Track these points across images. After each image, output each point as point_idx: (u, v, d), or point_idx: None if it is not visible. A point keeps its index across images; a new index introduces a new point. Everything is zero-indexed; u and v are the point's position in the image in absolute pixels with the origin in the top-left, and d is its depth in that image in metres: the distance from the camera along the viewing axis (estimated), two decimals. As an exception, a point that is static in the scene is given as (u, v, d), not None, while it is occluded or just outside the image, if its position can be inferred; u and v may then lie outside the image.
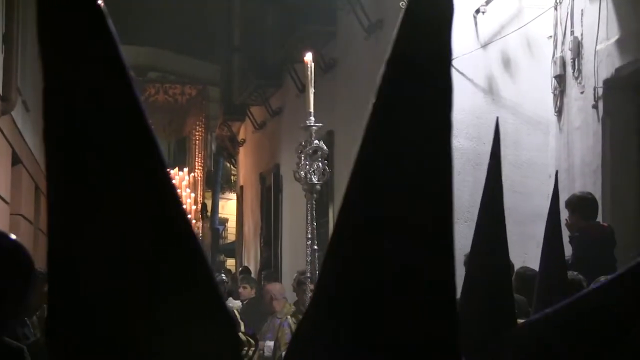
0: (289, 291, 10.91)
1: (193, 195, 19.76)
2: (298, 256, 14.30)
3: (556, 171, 3.65)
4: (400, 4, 10.46)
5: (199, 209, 19.78)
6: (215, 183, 22.79)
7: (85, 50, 1.20)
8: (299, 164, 6.51)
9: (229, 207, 24.00)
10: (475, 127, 9.49)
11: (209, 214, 21.70)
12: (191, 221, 1.31)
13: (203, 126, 21.88)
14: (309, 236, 6.44)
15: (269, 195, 17.31)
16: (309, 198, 6.54)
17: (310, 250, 6.43)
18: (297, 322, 1.45)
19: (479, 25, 9.65)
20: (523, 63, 9.69)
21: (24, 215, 12.31)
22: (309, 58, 6.47)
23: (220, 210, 23.43)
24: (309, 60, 6.46)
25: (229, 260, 22.66)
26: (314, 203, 6.53)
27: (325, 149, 6.59)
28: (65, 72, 1.20)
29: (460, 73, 9.49)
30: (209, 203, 22.17)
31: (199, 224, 19.61)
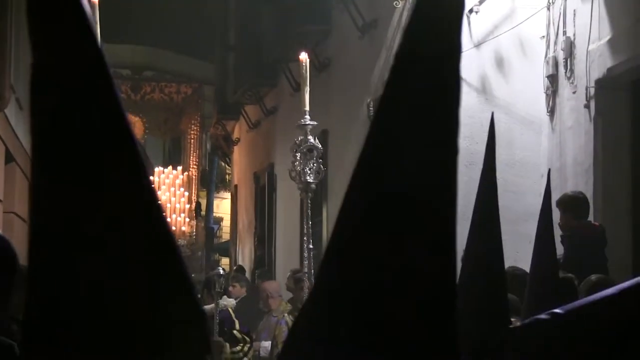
0: (282, 289, 10.93)
1: (187, 194, 19.75)
2: (292, 255, 14.32)
3: (548, 170, 3.67)
4: (394, 4, 10.47)
5: (192, 208, 19.78)
6: (210, 182, 22.79)
7: (69, 51, 1.21)
8: (294, 162, 6.50)
9: (223, 206, 24.00)
10: (468, 127, 9.49)
11: (203, 213, 21.70)
12: (168, 219, 1.32)
13: (198, 125, 21.87)
14: (305, 235, 6.43)
15: (263, 195, 17.32)
16: (305, 197, 6.54)
17: (307, 249, 6.41)
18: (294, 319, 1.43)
19: (472, 25, 9.66)
20: (516, 63, 9.72)
21: (17, 214, 12.32)
22: (304, 57, 6.48)
23: (215, 210, 23.43)
24: (304, 59, 6.46)
25: (223, 259, 22.67)
26: (309, 202, 6.53)
27: (320, 148, 6.60)
28: (49, 72, 1.21)
29: (454, 73, 9.50)
30: (203, 202, 22.16)
31: (193, 222, 19.61)
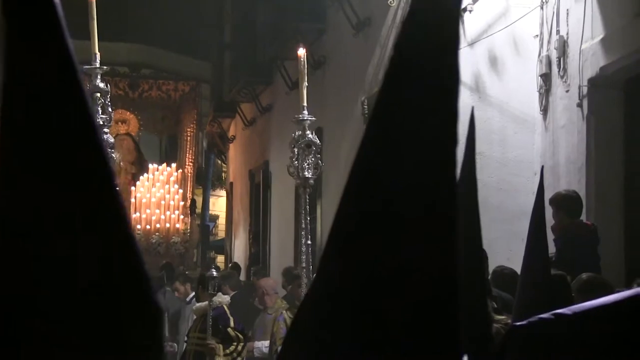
0: (278, 286, 10.93)
1: (181, 191, 19.76)
2: (286, 252, 14.34)
3: (541, 166, 3.65)
4: (389, 2, 10.50)
5: (187, 205, 19.79)
6: (206, 180, 22.79)
7: (39, 50, 1.23)
8: (292, 158, 6.48)
9: (219, 204, 24.01)
10: (461, 125, 9.47)
11: (198, 210, 21.70)
12: (128, 215, 1.30)
13: (195, 122, 21.88)
14: (304, 230, 6.40)
15: (258, 192, 17.35)
16: (303, 192, 6.51)
17: (305, 244, 6.39)
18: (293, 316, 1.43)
19: (466, 23, 9.68)
20: (509, 62, 9.73)
21: None
22: (302, 52, 6.46)
23: (211, 207, 23.43)
24: (302, 54, 6.44)
25: (219, 257, 22.67)
26: (307, 198, 6.51)
27: (318, 143, 6.57)
28: (19, 71, 1.22)
29: (447, 71, 9.53)
30: (199, 200, 22.17)
31: (187, 220, 19.63)
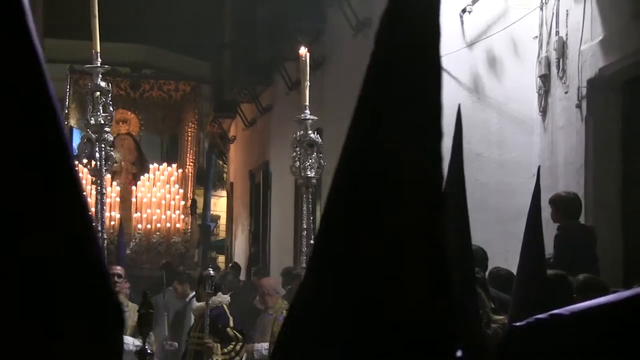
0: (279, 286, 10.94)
1: (182, 191, 19.77)
2: (286, 252, 14.36)
3: (538, 166, 3.65)
4: (389, 3, 10.52)
5: (188, 205, 19.80)
6: (208, 180, 22.82)
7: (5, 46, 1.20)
8: (295, 157, 6.48)
9: (221, 205, 24.04)
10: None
11: (199, 210, 21.72)
12: (90, 211, 1.29)
13: (196, 123, 21.90)
14: (306, 230, 6.39)
15: (258, 192, 17.37)
16: (306, 192, 6.51)
17: (308, 245, 6.38)
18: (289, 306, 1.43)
19: (465, 24, 9.70)
20: (508, 63, 9.75)
21: None
22: (303, 51, 6.47)
23: (212, 208, 23.45)
24: (304, 53, 6.45)
25: (220, 257, 22.70)
26: (310, 197, 6.52)
27: (320, 142, 6.57)
28: None
29: (446, 72, 9.55)
30: (200, 200, 22.19)
31: (188, 219, 19.64)
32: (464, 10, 9.66)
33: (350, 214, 1.30)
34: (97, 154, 5.78)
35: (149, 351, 6.58)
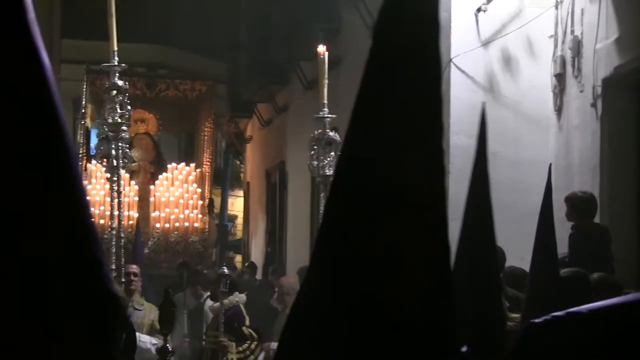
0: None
1: (199, 190, 19.83)
2: (302, 251, 14.39)
3: (549, 164, 3.62)
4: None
5: (205, 205, 19.84)
6: (225, 180, 22.85)
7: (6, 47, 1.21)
8: (313, 155, 6.46)
9: (238, 204, 24.08)
10: (475, 125, 9.48)
11: (216, 210, 21.77)
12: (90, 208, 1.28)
13: (212, 122, 21.96)
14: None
15: (274, 192, 17.41)
16: (324, 190, 6.50)
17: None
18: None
19: (480, 23, 9.70)
20: (523, 62, 9.75)
21: None
22: (322, 49, 6.48)
23: (229, 207, 23.48)
24: (322, 51, 6.46)
25: (237, 257, 22.74)
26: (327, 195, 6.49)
27: (338, 140, 6.56)
28: None
29: (461, 71, 9.57)
30: (217, 200, 22.23)
31: (206, 219, 19.68)
32: (479, 10, 9.67)
33: (350, 214, 1.30)
34: (114, 152, 5.80)
35: (169, 349, 6.62)
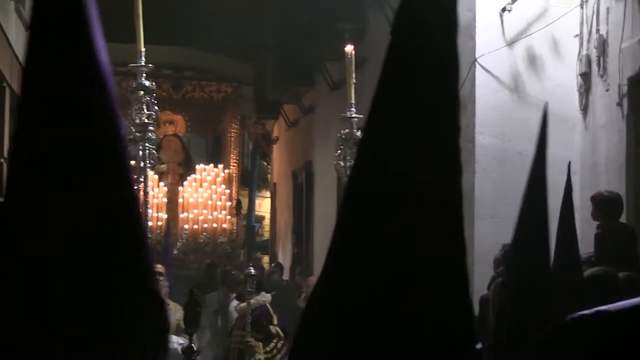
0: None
1: (228, 191, 19.93)
2: (328, 252, 14.42)
3: (569, 162, 3.61)
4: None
5: (233, 206, 19.94)
6: (252, 181, 22.89)
7: (64, 54, 1.23)
8: (339, 156, 6.47)
9: (265, 205, 24.15)
10: (500, 125, 9.56)
11: (244, 211, 21.86)
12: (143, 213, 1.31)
13: (238, 123, 22.03)
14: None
15: (301, 193, 17.44)
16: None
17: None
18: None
19: (505, 23, 9.70)
20: (549, 61, 9.74)
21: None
22: (349, 48, 6.50)
23: (256, 208, 23.53)
24: (349, 51, 6.47)
25: (264, 258, 22.80)
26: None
27: (365, 140, 6.54)
28: (42, 71, 1.23)
29: (486, 70, 9.58)
30: (244, 201, 22.30)
31: (234, 220, 19.78)
32: (504, 9, 9.67)
33: (365, 211, 1.32)
34: (141, 154, 5.80)
35: (195, 348, 6.66)
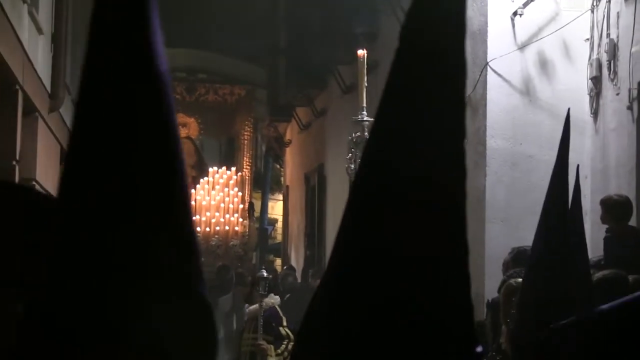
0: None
1: (240, 194, 19.99)
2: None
3: (577, 166, 3.62)
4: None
5: (245, 208, 19.99)
6: (265, 184, 22.96)
7: (122, 52, 1.23)
8: (351, 158, 6.48)
9: (278, 208, 24.18)
10: (511, 128, 9.58)
11: (256, 214, 21.90)
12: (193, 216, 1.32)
13: (251, 126, 22.09)
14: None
15: (314, 195, 17.47)
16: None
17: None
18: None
19: (517, 27, 9.72)
20: (560, 65, 9.74)
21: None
22: (362, 52, 6.53)
23: (269, 211, 23.59)
24: (362, 55, 6.51)
25: (277, 260, 22.83)
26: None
27: (377, 144, 6.55)
28: (101, 70, 1.23)
29: (497, 74, 9.59)
30: (257, 203, 22.35)
31: (246, 222, 19.84)
32: (515, 13, 9.68)
33: (369, 212, 1.32)
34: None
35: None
